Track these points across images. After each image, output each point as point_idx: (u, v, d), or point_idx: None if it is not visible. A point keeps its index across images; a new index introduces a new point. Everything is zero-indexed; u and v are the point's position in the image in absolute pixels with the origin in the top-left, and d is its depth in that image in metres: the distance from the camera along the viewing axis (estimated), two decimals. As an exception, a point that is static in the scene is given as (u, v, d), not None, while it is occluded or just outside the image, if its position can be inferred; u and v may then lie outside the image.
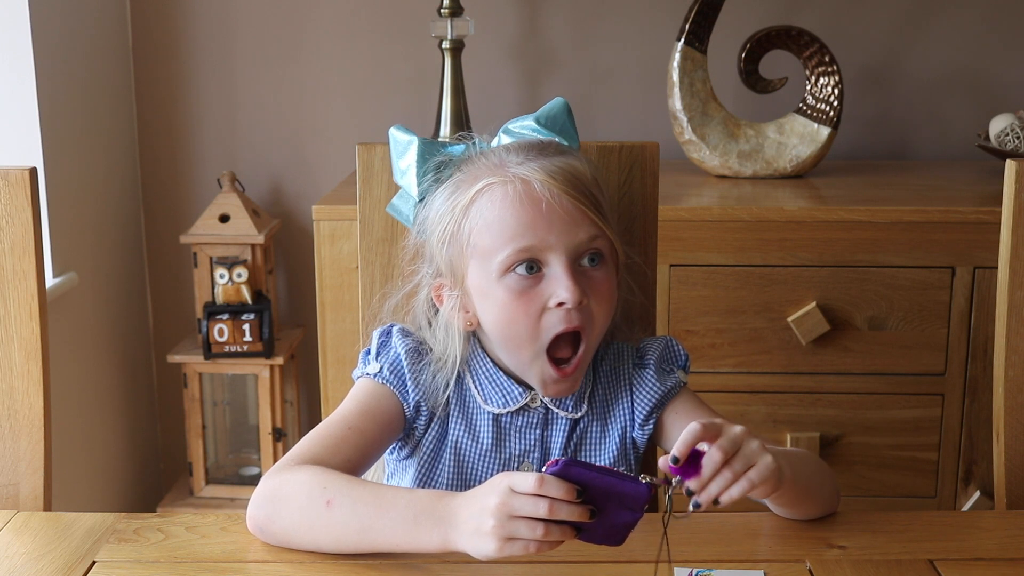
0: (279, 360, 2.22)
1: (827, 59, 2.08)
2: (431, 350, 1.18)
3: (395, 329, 1.19)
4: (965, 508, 1.91)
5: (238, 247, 2.22)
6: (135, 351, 2.41)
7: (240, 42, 2.35)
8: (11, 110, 1.97)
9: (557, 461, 0.89)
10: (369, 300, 1.34)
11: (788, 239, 1.86)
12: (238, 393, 2.34)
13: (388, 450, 1.19)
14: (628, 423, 1.19)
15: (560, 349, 1.12)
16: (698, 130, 2.09)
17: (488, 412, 1.17)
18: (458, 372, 1.17)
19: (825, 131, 2.10)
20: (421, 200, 1.17)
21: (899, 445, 1.91)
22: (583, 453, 1.19)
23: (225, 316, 2.19)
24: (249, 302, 2.21)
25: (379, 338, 1.20)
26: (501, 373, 1.17)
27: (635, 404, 1.19)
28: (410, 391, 1.16)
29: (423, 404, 1.16)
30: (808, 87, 2.11)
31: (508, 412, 1.17)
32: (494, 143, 1.18)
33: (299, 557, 1.02)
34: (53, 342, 1.78)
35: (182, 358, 2.25)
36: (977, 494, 1.91)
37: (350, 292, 1.89)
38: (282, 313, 2.43)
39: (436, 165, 1.16)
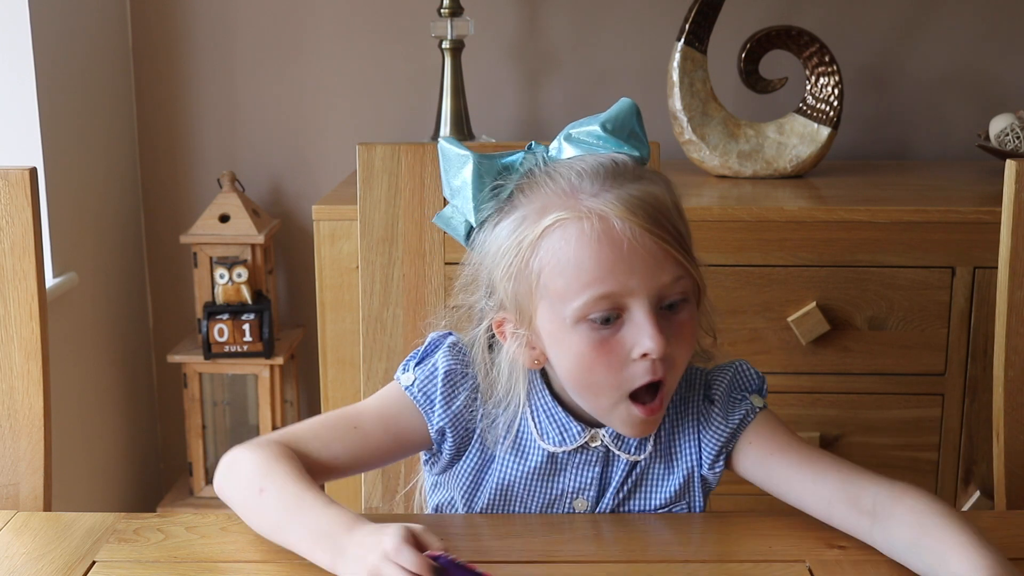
0: (279, 360, 2.22)
1: (827, 59, 2.08)
2: (478, 379, 1.10)
3: (447, 342, 1.12)
4: (965, 508, 1.92)
5: (238, 247, 2.22)
6: (135, 351, 2.41)
7: (240, 42, 2.35)
8: (11, 110, 1.97)
9: (438, 557, 0.89)
10: (369, 300, 1.34)
11: (788, 239, 1.86)
12: (238, 393, 2.34)
13: (424, 461, 1.16)
14: (695, 463, 1.11)
15: (641, 395, 1.03)
16: (698, 130, 2.09)
17: (543, 448, 1.10)
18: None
19: (825, 131, 2.10)
20: (480, 225, 1.07)
21: (899, 445, 1.91)
22: (642, 490, 1.11)
23: (225, 316, 2.19)
24: (249, 302, 2.21)
25: (428, 345, 1.13)
26: (561, 409, 1.09)
27: (702, 444, 1.11)
28: (436, 414, 1.10)
29: (449, 431, 1.10)
30: (808, 87, 2.11)
31: (565, 451, 1.10)
32: (553, 150, 1.07)
33: (299, 557, 1.01)
34: (53, 342, 1.78)
35: (182, 358, 2.25)
36: (977, 494, 1.91)
37: (350, 292, 1.89)
38: (282, 313, 2.43)
39: (494, 184, 1.05)
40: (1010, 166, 1.25)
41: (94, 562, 1.01)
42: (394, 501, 1.35)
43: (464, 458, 1.12)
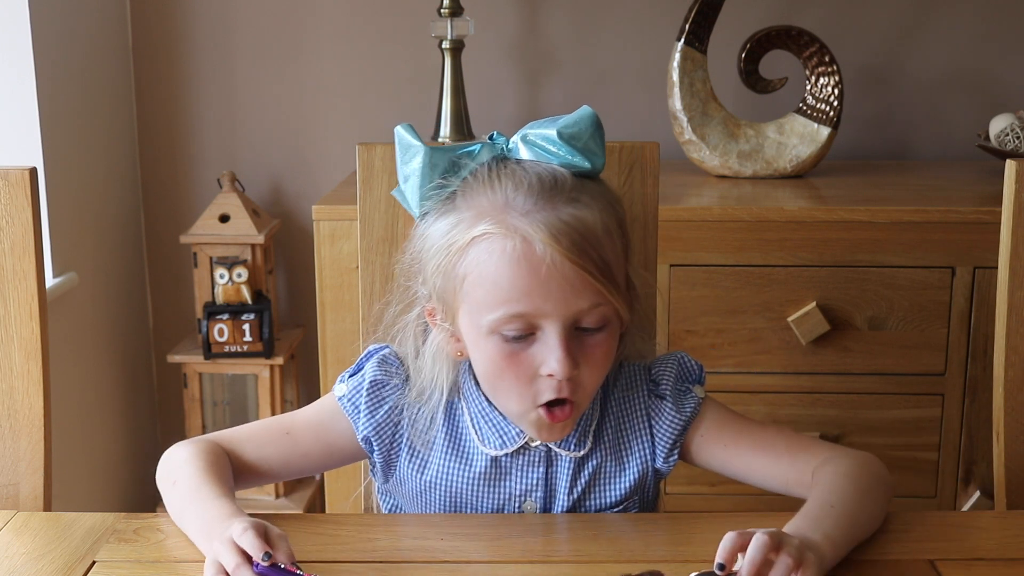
0: (279, 360, 2.22)
1: (827, 59, 2.08)
2: (409, 384, 1.12)
3: (377, 355, 1.15)
4: (965, 508, 1.91)
5: (238, 247, 2.22)
6: (135, 351, 2.41)
7: (240, 42, 2.35)
8: (11, 110, 1.97)
9: (256, 565, 0.92)
10: (369, 300, 1.34)
11: (788, 239, 1.86)
12: (238, 393, 2.34)
13: (370, 470, 1.18)
14: (649, 456, 1.13)
15: (551, 404, 1.05)
16: (698, 130, 2.09)
17: (485, 453, 1.12)
18: (451, 402, 1.12)
19: (825, 131, 2.10)
20: (422, 216, 1.09)
21: (899, 445, 1.91)
22: (595, 488, 1.13)
23: (225, 316, 2.19)
24: (249, 302, 2.21)
25: (361, 358, 1.16)
26: (496, 412, 1.11)
27: (656, 438, 1.13)
28: (361, 424, 1.13)
29: (374, 440, 1.13)
30: (808, 87, 2.11)
31: (506, 453, 1.12)
32: (512, 143, 1.08)
33: (299, 557, 1.01)
34: (53, 342, 1.78)
35: (182, 358, 2.25)
36: (977, 494, 1.91)
37: (350, 292, 1.89)
38: (282, 313, 2.43)
39: (439, 180, 1.07)
40: (1010, 166, 1.25)
41: (94, 562, 1.01)
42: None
43: (396, 469, 1.14)
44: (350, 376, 1.15)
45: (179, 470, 1.08)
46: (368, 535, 1.06)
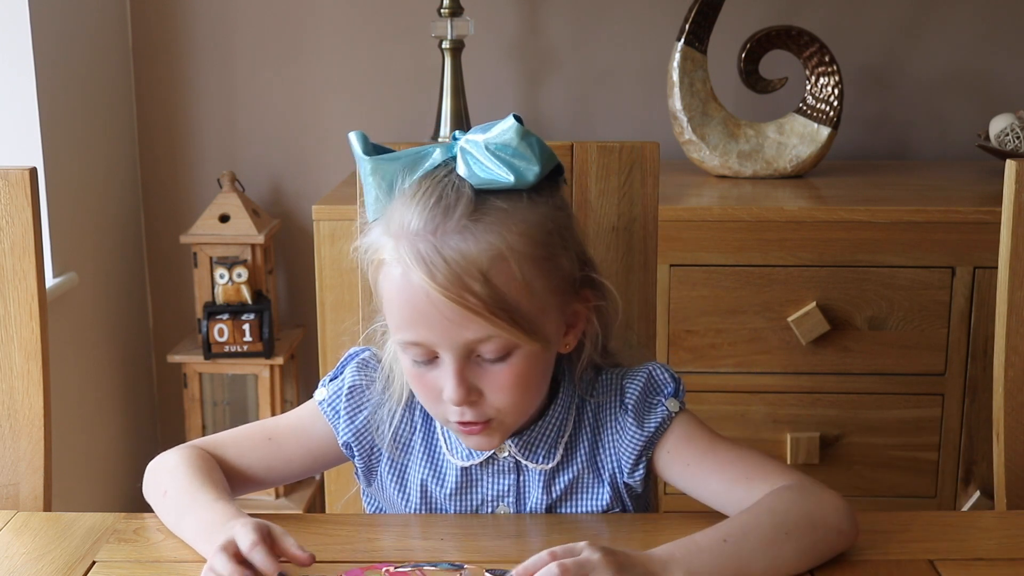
0: (279, 360, 2.22)
1: (827, 59, 2.08)
2: (387, 384, 1.12)
3: (356, 359, 1.14)
4: (965, 508, 1.91)
5: (238, 247, 2.22)
6: (135, 351, 2.41)
7: (240, 42, 2.35)
8: (11, 110, 1.97)
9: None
10: (369, 300, 1.34)
11: (788, 239, 1.86)
12: (238, 393, 2.34)
13: (355, 474, 1.18)
14: (617, 471, 1.11)
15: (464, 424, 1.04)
16: (698, 130, 2.09)
17: (456, 464, 1.11)
18: (426, 412, 1.11)
19: (825, 131, 2.10)
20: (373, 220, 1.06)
21: (899, 445, 1.91)
22: (574, 498, 1.11)
23: (225, 316, 2.19)
24: (249, 302, 2.21)
25: (341, 362, 1.16)
26: None
27: (620, 453, 1.10)
28: (341, 428, 1.12)
29: (354, 445, 1.12)
30: (808, 87, 2.11)
31: (474, 464, 1.11)
32: (455, 151, 1.03)
33: (299, 557, 1.02)
34: (53, 342, 1.77)
35: (182, 358, 2.25)
36: (977, 494, 1.91)
37: (350, 292, 1.89)
38: (282, 313, 2.43)
39: (394, 181, 1.03)
40: (1010, 166, 1.24)
41: (94, 562, 1.01)
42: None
43: (377, 473, 1.14)
44: (330, 380, 1.15)
45: (169, 479, 1.07)
46: (368, 535, 1.06)
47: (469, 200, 0.99)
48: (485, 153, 1.00)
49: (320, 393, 1.14)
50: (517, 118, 0.99)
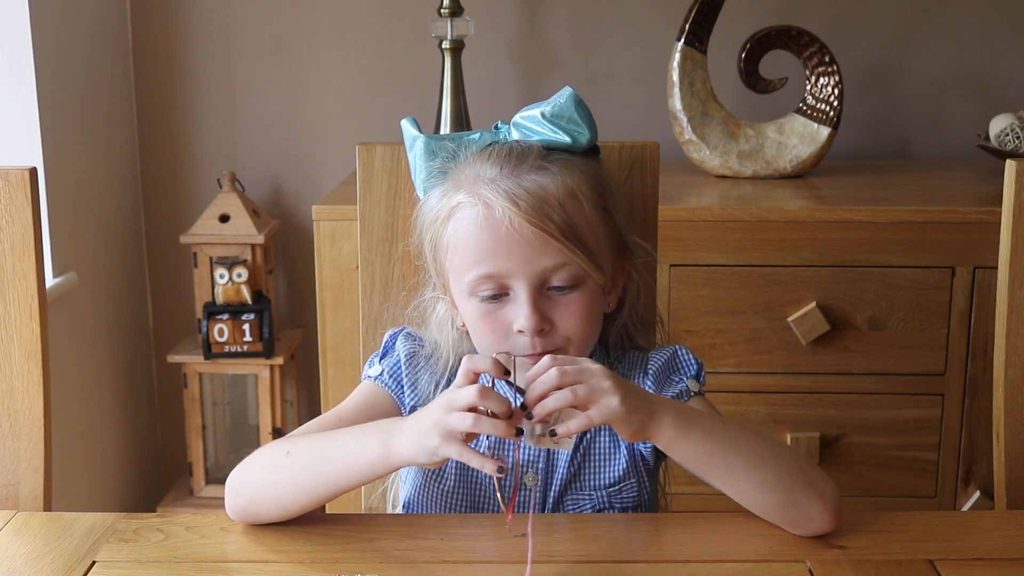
0: (279, 360, 2.22)
1: (827, 59, 2.08)
2: (433, 357, 1.18)
3: (402, 333, 1.20)
4: (965, 508, 1.92)
5: (238, 247, 2.22)
6: (135, 351, 2.41)
7: (240, 42, 2.35)
8: (11, 110, 1.97)
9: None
10: (369, 300, 1.34)
11: (788, 239, 1.86)
12: (238, 393, 2.34)
13: None
14: None
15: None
16: (698, 130, 2.09)
17: None
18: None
19: (825, 131, 2.10)
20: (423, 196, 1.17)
21: (899, 445, 1.91)
22: (590, 463, 1.15)
23: (225, 316, 2.19)
24: (249, 302, 2.21)
25: (387, 341, 1.21)
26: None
27: None
28: (407, 396, 1.16)
29: (420, 408, 1.13)
30: (808, 87, 2.11)
31: None
32: (507, 130, 1.16)
33: (299, 557, 1.02)
34: (53, 342, 1.77)
35: (182, 358, 2.25)
36: (977, 494, 1.91)
37: (350, 292, 1.89)
38: (282, 313, 2.43)
39: (438, 164, 1.15)
40: (1010, 166, 1.25)
41: (94, 562, 1.01)
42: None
43: None
44: (381, 359, 1.19)
45: (286, 444, 1.06)
46: (368, 535, 1.06)
47: (539, 150, 1.12)
48: (541, 121, 1.13)
49: (374, 371, 1.19)
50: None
